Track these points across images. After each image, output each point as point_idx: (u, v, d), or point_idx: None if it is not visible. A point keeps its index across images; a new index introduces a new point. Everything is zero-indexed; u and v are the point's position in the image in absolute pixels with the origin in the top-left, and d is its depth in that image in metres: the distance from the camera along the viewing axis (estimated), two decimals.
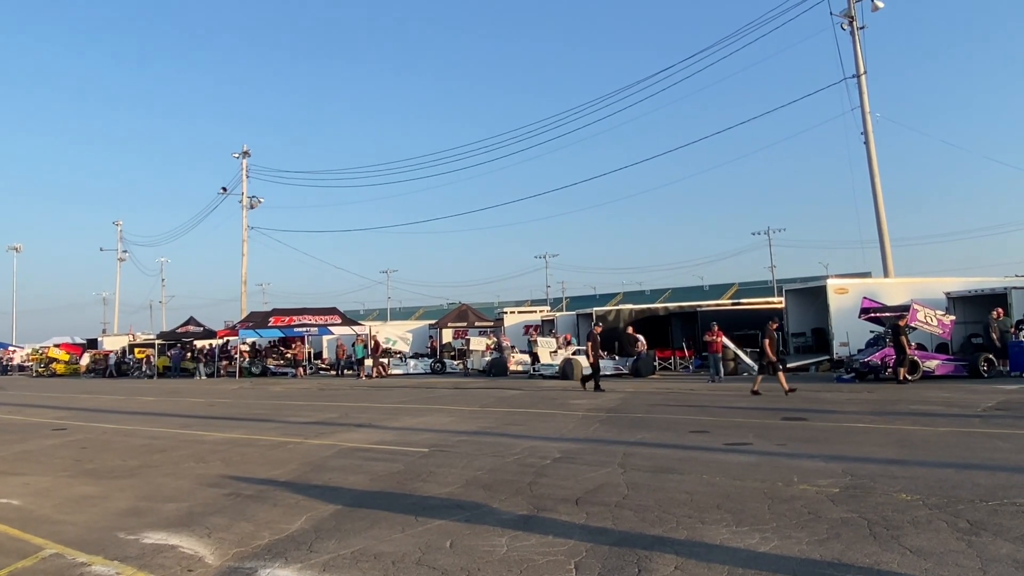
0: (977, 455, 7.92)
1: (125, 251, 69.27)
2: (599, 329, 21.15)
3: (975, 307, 21.55)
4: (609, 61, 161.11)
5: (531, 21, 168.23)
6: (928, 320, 18.99)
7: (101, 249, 71.19)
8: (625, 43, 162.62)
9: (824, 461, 7.80)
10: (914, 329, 19.08)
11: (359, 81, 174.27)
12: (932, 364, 18.81)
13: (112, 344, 48.02)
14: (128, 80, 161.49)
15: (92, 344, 51.29)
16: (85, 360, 46.67)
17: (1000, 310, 19.58)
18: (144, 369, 39.11)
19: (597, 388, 18.91)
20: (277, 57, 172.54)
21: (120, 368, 41.48)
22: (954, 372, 18.84)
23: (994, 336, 19.22)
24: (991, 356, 18.67)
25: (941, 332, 19.43)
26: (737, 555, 4.69)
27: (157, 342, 41.41)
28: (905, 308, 19.23)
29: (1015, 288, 21.53)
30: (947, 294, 22.16)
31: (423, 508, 6.35)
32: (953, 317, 19.83)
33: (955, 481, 6.58)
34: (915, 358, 18.44)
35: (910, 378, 17.75)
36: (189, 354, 39.60)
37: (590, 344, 19.79)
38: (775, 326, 16.70)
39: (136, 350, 42.61)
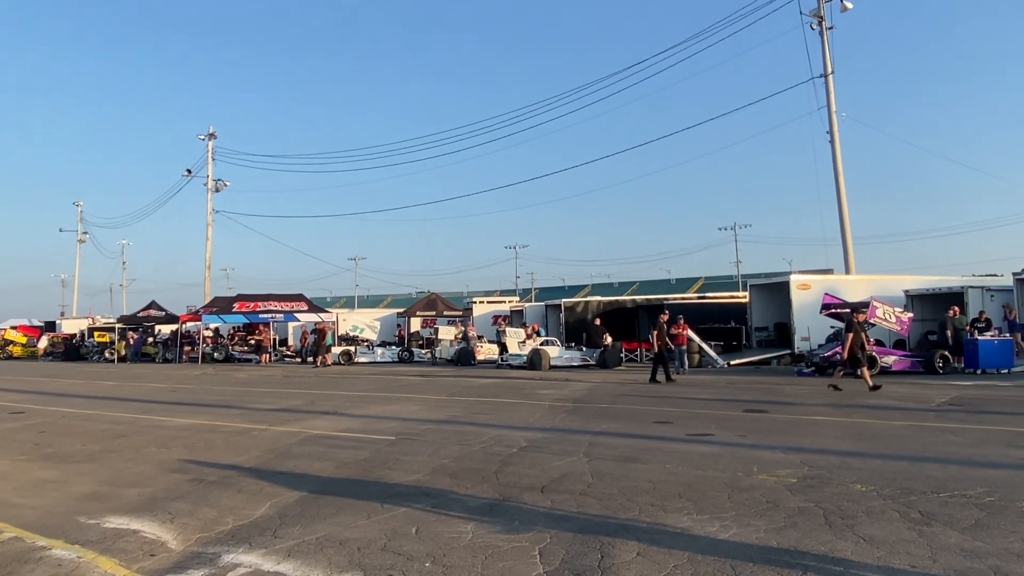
0: (930, 448, 8.17)
1: (85, 232, 67.73)
2: (665, 317, 19.74)
3: (932, 305, 22.13)
4: (580, 55, 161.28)
5: (501, 14, 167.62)
6: (887, 317, 19.43)
7: (61, 230, 69.76)
8: (596, 38, 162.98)
9: (783, 452, 7.99)
10: (873, 325, 19.52)
11: (329, 67, 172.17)
12: (889, 360, 19.27)
13: (71, 327, 47.05)
14: (89, 58, 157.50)
15: (50, 327, 50.19)
16: (43, 343, 45.64)
17: (956, 308, 20.14)
18: (105, 354, 38.33)
19: (668, 379, 18.26)
20: (245, 39, 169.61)
21: (79, 352, 40.63)
22: (911, 368, 19.32)
23: (948, 333, 19.75)
24: (946, 353, 19.19)
25: (899, 329, 19.90)
26: (697, 542, 4.80)
27: (118, 326, 40.61)
28: (865, 305, 19.67)
29: (971, 287, 22.15)
30: (906, 292, 22.72)
31: (389, 495, 6.37)
32: (911, 314, 20.33)
33: (908, 473, 6.79)
34: (873, 354, 18.87)
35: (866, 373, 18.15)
36: (151, 339, 38.92)
37: (656, 333, 18.77)
38: (862, 318, 15.93)
39: (96, 334, 41.77)
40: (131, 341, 37.74)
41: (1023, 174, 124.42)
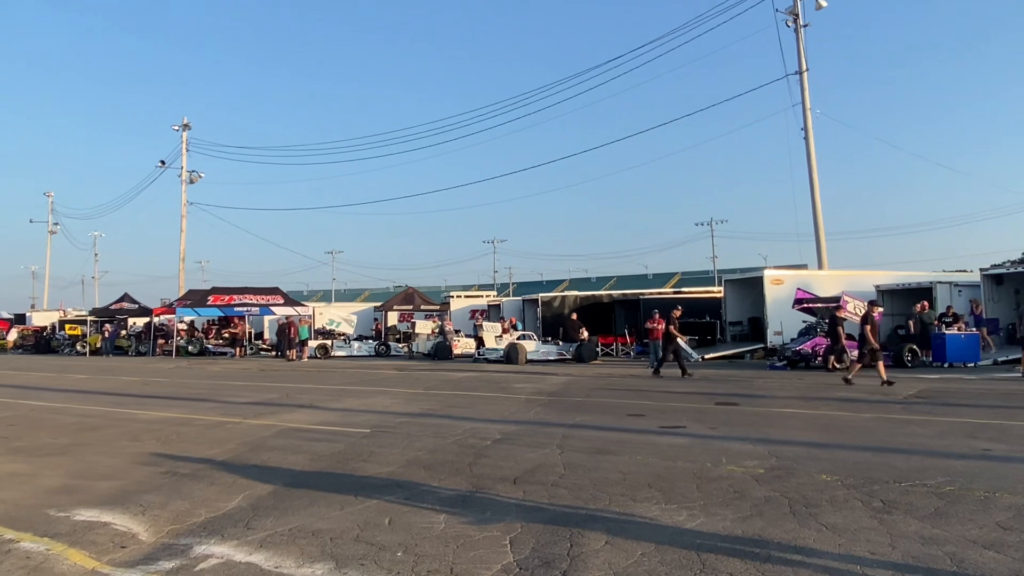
0: (895, 439, 8.37)
1: (56, 224, 66.65)
2: (679, 313, 19.33)
3: (902, 300, 22.55)
4: (558, 51, 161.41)
5: (479, 9, 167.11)
6: (857, 311, 19.73)
7: (31, 221, 68.28)
8: (573, 33, 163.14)
9: (752, 444, 8.14)
10: (844, 320, 19.85)
11: (306, 58, 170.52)
12: (859, 353, 19.57)
13: (42, 320, 46.30)
14: (62, 45, 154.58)
15: (20, 319, 49.32)
16: (12, 336, 44.86)
17: (925, 303, 20.53)
18: (76, 346, 37.76)
19: (656, 372, 18.11)
20: (222, 29, 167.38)
21: (50, 344, 40.00)
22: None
23: (911, 324, 20.15)
24: (915, 347, 19.56)
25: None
26: (664, 531, 4.90)
27: (90, 318, 40.03)
28: (836, 300, 20.00)
29: (939, 283, 22.61)
30: (877, 287, 23.11)
31: (363, 487, 6.40)
32: (881, 309, 20.67)
33: (873, 463, 6.96)
34: (845, 347, 19.18)
35: (838, 367, 18.47)
36: (124, 332, 38.42)
37: (671, 327, 18.31)
38: (879, 310, 15.65)
39: (67, 326, 41.16)
40: (106, 334, 37.22)
41: (994, 171, 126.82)
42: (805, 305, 21.13)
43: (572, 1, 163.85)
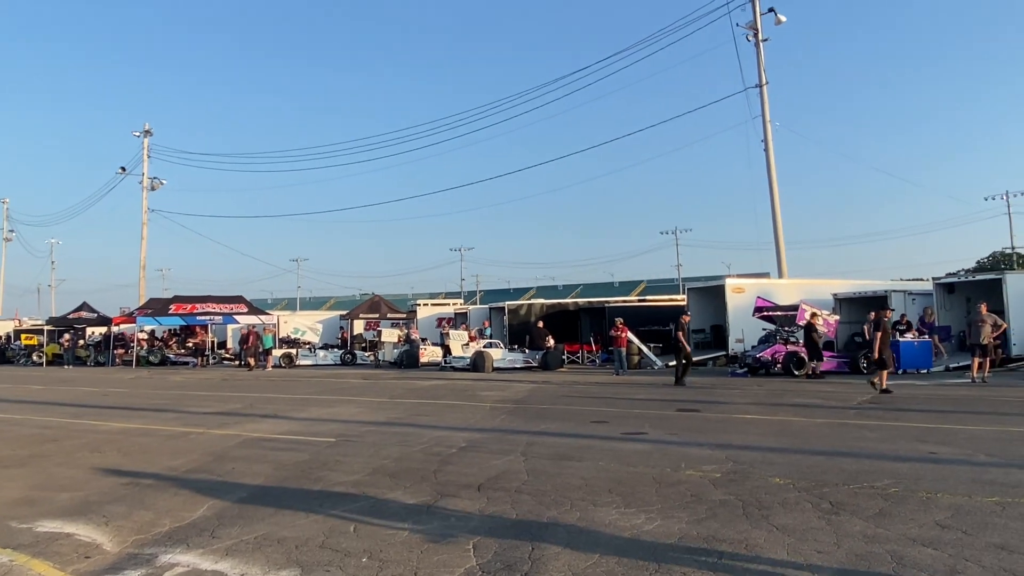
0: (847, 443, 8.67)
1: (12, 231, 64.96)
2: (687, 319, 19.19)
3: (859, 308, 23.15)
4: (524, 61, 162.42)
5: (442, 18, 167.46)
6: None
7: None
8: (537, 45, 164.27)
9: (711, 449, 8.37)
10: (801, 327, 20.35)
11: (272, 65, 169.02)
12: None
13: None
14: (17, 50, 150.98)
15: None
16: None
17: (887, 311, 21.10)
18: (33, 356, 36.87)
19: (678, 381, 17.70)
20: (185, 34, 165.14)
21: (5, 355, 39.00)
22: (837, 368, 20.19)
23: (867, 333, 20.66)
24: (870, 354, 20.08)
25: (827, 331, 20.79)
26: (623, 534, 5.07)
27: (47, 328, 39.14)
28: (794, 308, 20.49)
29: (894, 291, 23.29)
30: (834, 295, 23.72)
31: (328, 495, 6.47)
32: (838, 316, 21.26)
33: (824, 467, 7.23)
34: (802, 355, 19.68)
35: (816, 371, 18.88)
36: (82, 341, 37.63)
37: (680, 334, 18.14)
38: (889, 315, 15.02)
39: (23, 336, 40.16)
40: (65, 344, 36.42)
41: (948, 184, 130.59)
42: (765, 313, 21.58)
43: (537, 12, 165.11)
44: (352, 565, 4.55)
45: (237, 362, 34.44)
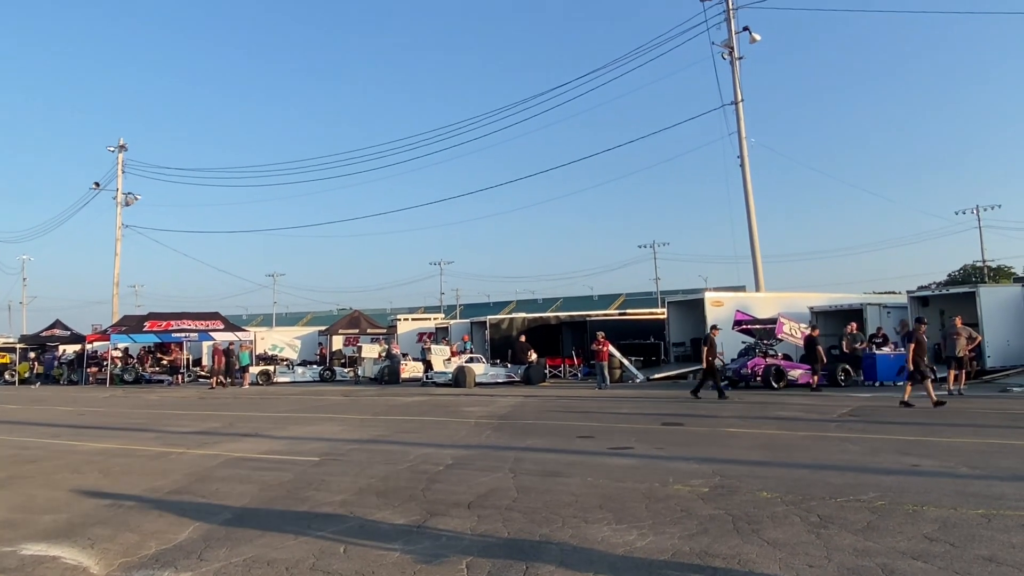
0: (831, 457, 8.75)
1: None
2: (716, 333, 18.73)
3: (836, 321, 23.46)
4: (503, 78, 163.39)
5: (424, 30, 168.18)
6: (793, 332, 20.53)
7: None
8: (519, 60, 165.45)
9: (697, 463, 8.40)
10: (780, 341, 20.58)
11: (251, 78, 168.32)
12: (796, 373, 20.29)
13: None
14: None
15: None
16: None
17: (854, 324, 21.42)
18: (4, 375, 36.12)
19: (721, 395, 17.20)
20: (161, 46, 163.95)
21: None
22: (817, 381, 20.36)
23: (844, 346, 20.96)
24: (847, 366, 20.36)
25: (804, 343, 21.01)
26: (616, 550, 5.06)
27: (19, 346, 38.35)
28: (773, 321, 20.72)
29: (870, 304, 23.65)
30: (811, 308, 24.02)
31: (315, 516, 6.39)
32: (808, 330, 21.48)
33: (810, 480, 7.29)
34: (781, 367, 19.87)
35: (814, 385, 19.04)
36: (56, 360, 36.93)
37: (707, 348, 17.71)
38: (923, 329, 14.92)
39: None
40: (40, 361, 35.74)
41: (919, 199, 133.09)
42: (744, 327, 21.78)
43: (519, 30, 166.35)
44: None
45: (213, 380, 34.01)
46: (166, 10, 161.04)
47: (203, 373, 36.53)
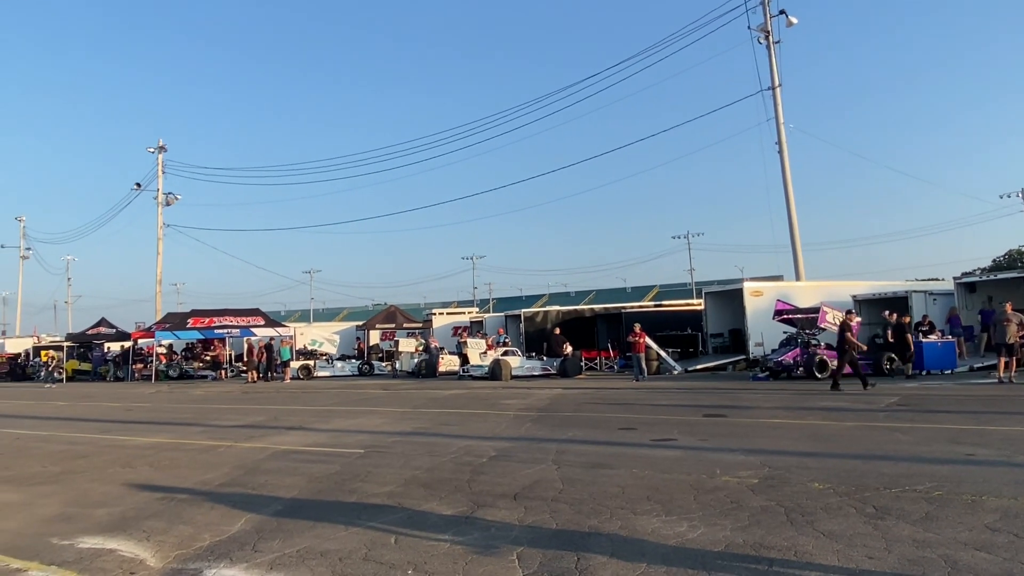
0: (882, 447, 8.56)
1: (29, 248, 65.77)
2: (853, 319, 17.40)
3: (879, 309, 22.95)
4: (537, 68, 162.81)
5: (456, 27, 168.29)
6: (836, 321, 20.10)
7: (2, 246, 67.31)
8: (550, 51, 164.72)
9: (744, 454, 8.29)
10: (823, 330, 20.19)
11: (284, 78, 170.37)
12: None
13: (15, 346, 45.50)
14: (33, 67, 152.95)
15: None
16: None
17: (894, 312, 20.92)
18: (53, 373, 37.14)
19: (864, 384, 16.03)
20: (197, 49, 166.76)
21: (25, 371, 39.36)
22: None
23: (889, 335, 20.48)
24: (893, 355, 19.90)
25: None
26: (668, 541, 5.02)
27: (66, 344, 39.45)
28: (815, 310, 20.34)
29: (915, 292, 23.07)
30: (854, 296, 23.53)
31: (364, 507, 6.45)
32: (859, 319, 21.05)
33: (862, 471, 7.14)
34: (824, 357, 19.51)
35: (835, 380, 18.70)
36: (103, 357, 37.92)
37: (848, 335, 16.51)
38: (1011, 307, 15.43)
39: (42, 352, 40.49)
40: (100, 355, 36.95)
41: (964, 183, 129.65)
42: (785, 316, 21.43)
43: (551, 20, 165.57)
44: None
45: (250, 374, 34.63)
46: (202, 16, 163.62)
47: (244, 368, 37.17)
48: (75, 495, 7.62)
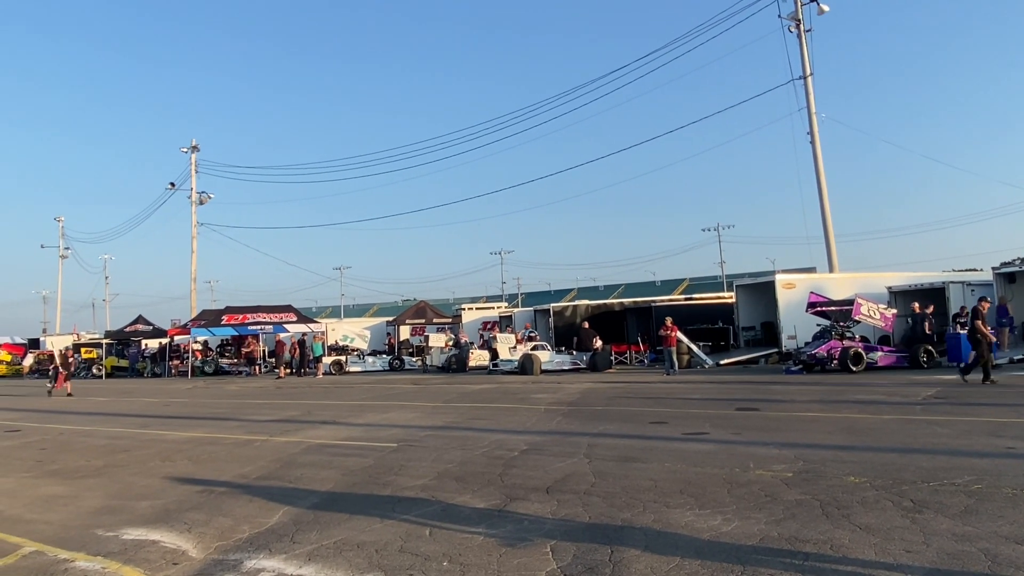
0: (918, 440, 8.43)
1: (67, 248, 67.24)
2: (986, 305, 15.85)
3: (915, 301, 22.54)
4: (563, 61, 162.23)
5: (480, 20, 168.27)
6: (871, 313, 19.81)
7: (42, 246, 68.95)
8: (578, 43, 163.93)
9: (777, 448, 8.23)
10: (858, 322, 19.90)
11: (312, 76, 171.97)
12: (875, 356, 19.61)
13: (56, 344, 46.66)
14: (72, 70, 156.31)
15: (34, 344, 49.71)
16: (28, 360, 45.21)
17: (916, 304, 20.61)
18: (92, 369, 38.08)
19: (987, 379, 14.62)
20: (229, 49, 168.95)
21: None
22: (896, 363, 19.67)
23: (927, 327, 20.12)
24: (930, 347, 19.55)
25: (883, 325, 20.30)
26: (702, 535, 5.01)
27: (105, 341, 40.36)
28: (850, 302, 20.05)
29: (952, 282, 22.58)
30: (889, 288, 23.12)
31: (399, 500, 6.54)
32: (895, 310, 20.71)
33: (899, 464, 7.04)
34: (859, 350, 19.24)
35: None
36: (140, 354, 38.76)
37: (979, 323, 15.09)
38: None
39: (82, 350, 41.49)
40: (142, 353, 38.00)
41: (1001, 169, 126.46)
42: (819, 308, 21.14)
43: (578, 12, 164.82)
44: (434, 569, 4.59)
45: (289, 370, 35.13)
46: (232, 15, 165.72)
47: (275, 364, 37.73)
48: (118, 488, 7.83)
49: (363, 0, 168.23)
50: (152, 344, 39.25)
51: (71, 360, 26.76)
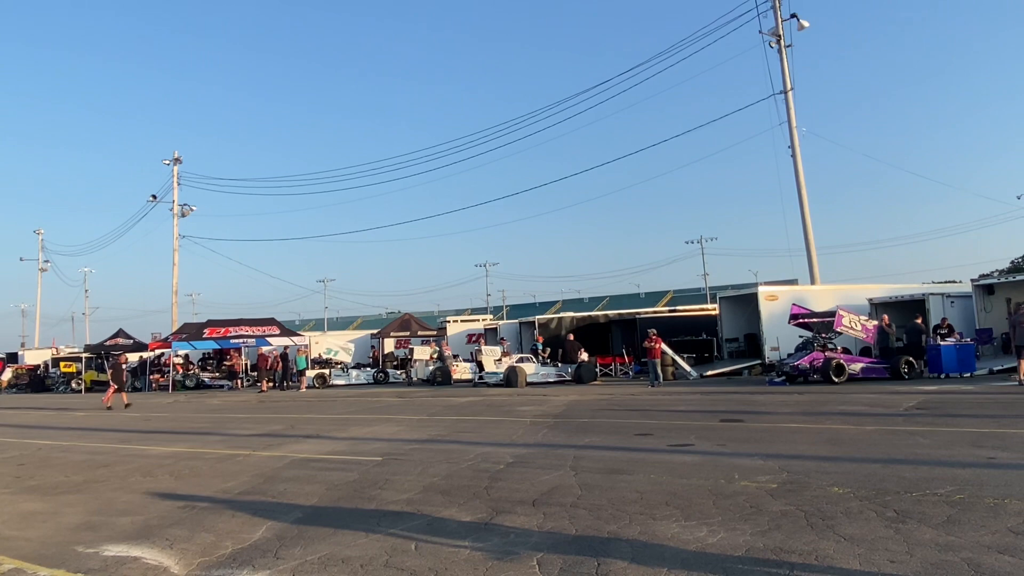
0: (901, 451, 8.50)
1: (47, 261, 66.52)
2: None
3: (896, 312, 22.80)
4: (546, 75, 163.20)
5: (469, 36, 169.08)
6: (852, 325, 20.01)
7: (21, 259, 68.20)
8: (561, 57, 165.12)
9: (762, 459, 8.26)
10: (840, 334, 20.09)
11: (296, 88, 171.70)
12: (857, 367, 19.78)
13: (35, 358, 45.99)
14: (52, 80, 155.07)
15: (12, 358, 48.92)
16: (7, 375, 44.49)
17: (886, 317, 20.93)
18: (72, 384, 37.53)
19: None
20: (213, 59, 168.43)
21: (44, 383, 39.80)
22: (877, 374, 19.84)
23: (905, 338, 20.39)
24: (911, 359, 19.75)
25: (865, 336, 20.50)
26: (688, 546, 5.02)
27: (84, 355, 39.83)
28: (831, 314, 20.23)
29: (932, 294, 22.89)
30: (870, 300, 23.37)
31: (384, 514, 6.49)
32: (876, 322, 20.93)
33: (882, 475, 7.10)
34: (841, 361, 19.40)
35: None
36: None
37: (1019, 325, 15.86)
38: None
39: (61, 364, 40.90)
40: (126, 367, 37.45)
41: (979, 183, 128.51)
42: (801, 320, 21.32)
43: (560, 26, 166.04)
44: None
45: (271, 384, 34.82)
46: (217, 24, 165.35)
47: (257, 377, 37.40)
48: (98, 504, 7.71)
49: (347, 15, 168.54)
50: (132, 358, 38.77)
51: (124, 367, 25.19)
